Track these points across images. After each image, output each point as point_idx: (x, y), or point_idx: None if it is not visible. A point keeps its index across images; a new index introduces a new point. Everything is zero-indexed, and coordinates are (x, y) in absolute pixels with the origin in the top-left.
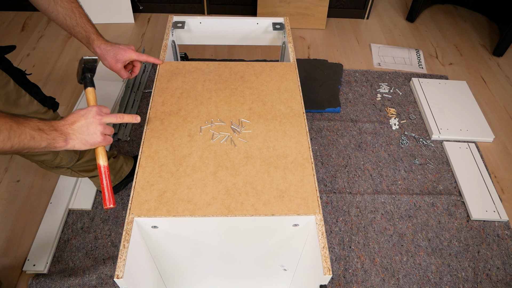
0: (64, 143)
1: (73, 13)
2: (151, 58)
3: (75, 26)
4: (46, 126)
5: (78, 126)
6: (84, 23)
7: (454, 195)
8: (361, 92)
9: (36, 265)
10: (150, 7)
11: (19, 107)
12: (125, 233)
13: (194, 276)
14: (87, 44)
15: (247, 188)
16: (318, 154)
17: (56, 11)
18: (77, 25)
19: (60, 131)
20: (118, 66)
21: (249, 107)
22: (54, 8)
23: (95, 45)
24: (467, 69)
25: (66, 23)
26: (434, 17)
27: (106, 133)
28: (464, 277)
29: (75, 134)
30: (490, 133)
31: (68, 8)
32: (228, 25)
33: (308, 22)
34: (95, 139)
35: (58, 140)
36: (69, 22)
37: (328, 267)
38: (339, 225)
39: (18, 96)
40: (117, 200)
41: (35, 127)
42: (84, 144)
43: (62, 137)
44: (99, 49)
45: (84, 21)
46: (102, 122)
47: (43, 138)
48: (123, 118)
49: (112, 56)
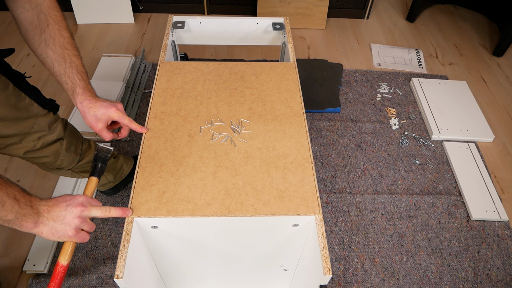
0: (32, 224)
1: (63, 60)
2: (133, 124)
3: (62, 75)
4: (24, 199)
5: (56, 212)
6: (73, 73)
7: (454, 195)
8: (361, 92)
9: (36, 265)
10: (150, 7)
11: (19, 110)
12: (125, 233)
13: (194, 276)
14: (72, 97)
15: (247, 188)
16: (318, 154)
17: (45, 53)
18: (65, 74)
19: (36, 210)
20: (98, 126)
21: (249, 107)
22: (44, 50)
23: (78, 100)
24: (467, 69)
25: (54, 70)
26: (434, 17)
27: (83, 228)
28: (464, 277)
29: (49, 220)
30: (490, 133)
31: (59, 53)
32: (228, 25)
33: (308, 22)
34: (65, 232)
35: (28, 219)
36: (57, 69)
37: (328, 267)
38: (339, 225)
39: (18, 99)
40: (117, 200)
41: (11, 194)
42: (53, 234)
43: (34, 217)
44: (81, 105)
45: (73, 71)
46: (82, 215)
47: (13, 210)
48: (109, 212)
49: (92, 115)
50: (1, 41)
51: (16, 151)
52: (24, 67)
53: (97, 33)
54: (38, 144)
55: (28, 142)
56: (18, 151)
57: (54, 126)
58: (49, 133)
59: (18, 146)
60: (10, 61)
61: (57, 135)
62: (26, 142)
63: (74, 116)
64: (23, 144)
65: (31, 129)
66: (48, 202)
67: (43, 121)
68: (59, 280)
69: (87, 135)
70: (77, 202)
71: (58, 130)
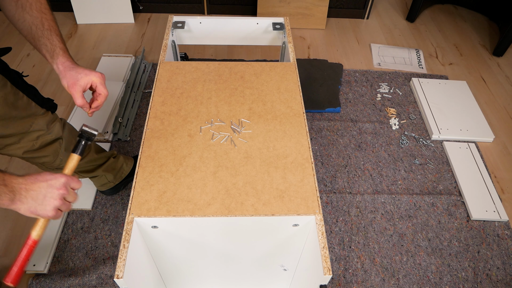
0: (8, 202)
1: (41, 23)
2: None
3: (40, 37)
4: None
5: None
6: (52, 36)
7: (454, 195)
8: (361, 92)
9: (36, 265)
10: (150, 7)
11: (17, 109)
12: (125, 233)
13: (194, 276)
14: (51, 59)
15: (247, 188)
16: (318, 154)
17: (22, 18)
18: (43, 36)
19: (11, 188)
20: (75, 88)
21: (249, 107)
22: (21, 15)
23: (59, 61)
24: (467, 69)
25: (32, 33)
26: (434, 17)
27: (61, 208)
28: (464, 277)
29: (27, 198)
30: (490, 133)
31: (36, 17)
32: (228, 25)
33: (308, 22)
34: (44, 212)
35: (2, 197)
36: (35, 32)
37: (328, 267)
38: (339, 225)
39: (16, 98)
40: (117, 200)
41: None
42: (32, 212)
43: (9, 195)
44: (62, 65)
45: (52, 34)
46: (63, 197)
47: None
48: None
49: (72, 75)
50: (1, 41)
51: (15, 151)
52: (24, 67)
53: (97, 33)
54: (37, 144)
55: (27, 142)
56: (17, 151)
57: (53, 126)
58: (48, 133)
59: (17, 146)
60: (10, 61)
61: (56, 134)
62: (24, 141)
63: (74, 116)
64: (22, 144)
65: (29, 128)
66: (26, 180)
67: (42, 121)
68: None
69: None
70: (59, 184)
71: (57, 130)
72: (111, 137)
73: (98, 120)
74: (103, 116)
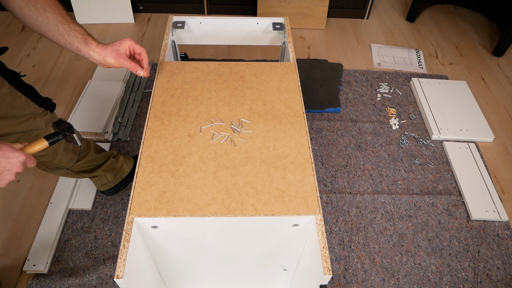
0: None
1: (64, 18)
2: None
3: (69, 31)
4: None
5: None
6: (76, 27)
7: (454, 195)
8: (361, 92)
9: (36, 265)
10: (150, 7)
11: (15, 109)
12: (125, 233)
13: (194, 276)
14: (86, 48)
15: (247, 188)
16: (318, 154)
17: (46, 19)
18: (71, 29)
19: None
20: (122, 58)
21: (249, 107)
22: (44, 16)
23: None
24: (467, 69)
25: (59, 30)
26: (434, 17)
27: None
28: (464, 277)
29: None
30: (490, 133)
31: (58, 13)
32: (228, 25)
33: (308, 22)
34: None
35: None
36: (62, 29)
37: (328, 267)
38: (339, 225)
39: (14, 97)
40: (117, 200)
41: None
42: None
43: None
44: (99, 48)
45: (76, 25)
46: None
47: None
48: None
49: (112, 50)
50: (1, 41)
51: None
52: (24, 67)
53: (97, 33)
54: None
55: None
56: None
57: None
58: (47, 132)
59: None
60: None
61: None
62: (23, 141)
63: (74, 115)
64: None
65: (28, 127)
66: None
67: (41, 120)
68: None
69: (87, 135)
70: (19, 164)
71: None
72: (111, 137)
73: (98, 120)
74: (103, 116)
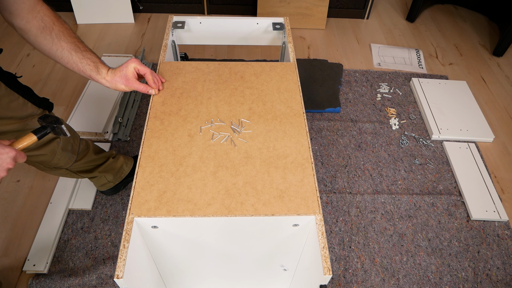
0: None
1: (77, 46)
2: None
3: (82, 59)
4: None
5: None
6: (90, 55)
7: (454, 195)
8: (361, 92)
9: (36, 265)
10: (150, 7)
11: (12, 111)
12: (125, 233)
13: (194, 276)
14: (97, 76)
15: (247, 188)
16: (318, 154)
17: (61, 47)
18: (84, 57)
19: None
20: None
21: (249, 107)
22: (58, 44)
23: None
24: (467, 69)
25: (72, 58)
26: (434, 17)
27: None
28: (464, 277)
29: None
30: (490, 133)
31: (72, 42)
32: (228, 25)
33: (308, 22)
34: None
35: None
36: (75, 57)
37: (328, 267)
38: (339, 225)
39: (11, 99)
40: (117, 200)
41: None
42: None
43: None
44: (109, 76)
45: (89, 54)
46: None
47: None
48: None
49: (121, 76)
50: (1, 41)
51: None
52: (24, 67)
53: (97, 33)
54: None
55: None
56: None
57: None
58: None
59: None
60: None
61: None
62: None
63: (74, 116)
64: None
65: (25, 127)
66: None
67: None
68: None
69: (87, 135)
70: (9, 160)
71: None
72: (111, 137)
73: (98, 120)
74: (103, 116)
